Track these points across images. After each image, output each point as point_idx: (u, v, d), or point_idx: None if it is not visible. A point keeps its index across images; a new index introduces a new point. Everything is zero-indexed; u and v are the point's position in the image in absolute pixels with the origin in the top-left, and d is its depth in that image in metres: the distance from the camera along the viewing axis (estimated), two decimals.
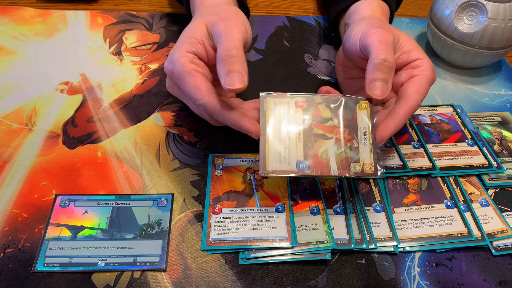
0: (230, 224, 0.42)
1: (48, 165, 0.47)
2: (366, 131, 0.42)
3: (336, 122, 0.43)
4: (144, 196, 0.45)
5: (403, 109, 0.43)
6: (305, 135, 0.42)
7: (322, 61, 0.63)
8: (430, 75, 0.45)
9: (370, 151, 0.41)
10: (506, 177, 0.49)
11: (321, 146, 0.41)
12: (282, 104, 0.43)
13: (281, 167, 0.40)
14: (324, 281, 0.40)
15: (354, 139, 0.42)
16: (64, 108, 0.53)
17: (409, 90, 0.43)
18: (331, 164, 0.41)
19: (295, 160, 0.41)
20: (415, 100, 0.43)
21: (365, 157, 0.41)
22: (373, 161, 0.41)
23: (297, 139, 0.41)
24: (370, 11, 0.53)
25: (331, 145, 0.41)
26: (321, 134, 0.42)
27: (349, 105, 0.44)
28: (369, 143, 0.42)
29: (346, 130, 0.42)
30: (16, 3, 0.68)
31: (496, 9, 0.55)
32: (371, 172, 0.41)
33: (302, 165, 0.40)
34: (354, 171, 0.41)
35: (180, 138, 0.51)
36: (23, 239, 0.41)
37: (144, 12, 0.69)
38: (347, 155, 0.41)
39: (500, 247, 0.43)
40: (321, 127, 0.42)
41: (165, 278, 0.39)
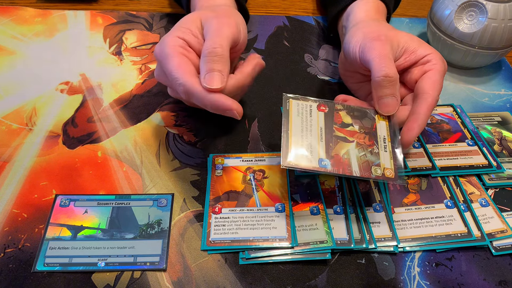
0: (230, 224, 0.42)
1: (48, 165, 0.47)
2: (386, 140, 0.43)
3: (357, 128, 0.43)
4: (144, 196, 0.45)
5: (424, 107, 0.43)
6: (326, 135, 0.42)
7: (322, 61, 0.63)
8: (442, 67, 0.45)
9: (390, 158, 0.42)
10: (506, 177, 0.49)
11: (342, 147, 0.41)
12: (304, 106, 0.44)
13: (303, 162, 0.40)
14: (324, 281, 0.40)
15: (374, 145, 0.42)
16: (64, 108, 0.53)
17: (425, 87, 0.43)
18: (352, 165, 0.40)
19: (317, 157, 0.40)
20: (433, 96, 0.43)
21: (385, 163, 0.41)
22: (394, 167, 0.41)
23: (319, 139, 0.41)
24: (364, 12, 0.53)
25: (353, 148, 0.41)
26: (342, 137, 0.42)
27: (369, 115, 0.44)
28: (389, 151, 0.42)
29: (367, 136, 0.43)
30: (16, 3, 0.68)
31: (496, 9, 0.55)
32: (392, 177, 0.41)
33: (324, 163, 0.40)
34: (375, 174, 0.40)
35: (180, 138, 0.51)
36: (23, 239, 0.41)
37: (144, 12, 0.69)
38: (368, 158, 0.41)
39: (500, 247, 0.43)
40: (342, 130, 0.43)
41: (165, 278, 0.39)
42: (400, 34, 0.47)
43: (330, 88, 0.58)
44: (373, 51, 0.44)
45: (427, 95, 0.43)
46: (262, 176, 0.47)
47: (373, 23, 0.50)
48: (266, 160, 0.48)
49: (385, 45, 0.44)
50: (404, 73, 0.47)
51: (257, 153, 0.49)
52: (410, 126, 0.43)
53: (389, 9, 0.57)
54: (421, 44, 0.46)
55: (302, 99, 0.44)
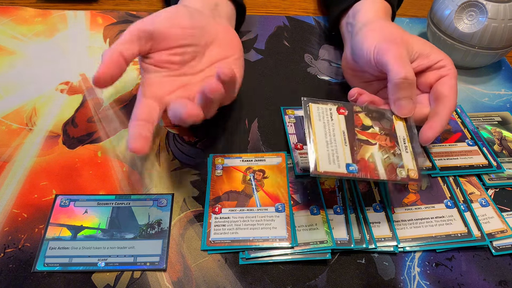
0: (230, 224, 0.42)
1: (48, 165, 0.47)
2: (405, 140, 0.43)
3: (377, 130, 0.43)
4: (144, 196, 0.45)
5: (445, 109, 0.44)
6: (350, 139, 0.42)
7: (322, 61, 0.63)
8: (455, 72, 0.47)
9: (412, 158, 0.42)
10: (506, 177, 0.49)
11: (366, 151, 0.41)
12: (324, 110, 0.44)
13: (332, 168, 0.40)
14: (324, 281, 0.40)
15: (396, 147, 0.42)
16: (64, 108, 0.53)
17: (444, 92, 0.45)
18: (378, 169, 0.41)
19: (344, 162, 0.40)
20: (453, 100, 0.45)
21: (408, 164, 0.41)
22: (416, 168, 0.41)
23: (343, 143, 0.41)
24: (373, 12, 0.53)
25: (376, 151, 0.42)
26: (364, 139, 0.42)
27: (386, 116, 0.45)
28: (409, 151, 0.42)
29: (387, 138, 0.43)
30: (16, 3, 0.68)
31: (496, 9, 0.55)
32: (416, 177, 0.41)
33: (352, 168, 0.40)
34: (401, 176, 0.41)
35: (180, 138, 0.51)
36: (23, 239, 0.41)
37: (144, 12, 0.69)
38: (392, 160, 0.41)
39: (500, 247, 0.43)
40: (363, 133, 0.43)
41: (165, 278, 0.39)
42: (414, 38, 0.48)
43: (330, 88, 0.58)
44: (390, 53, 0.44)
45: (447, 98, 0.45)
46: (262, 176, 0.47)
47: (385, 24, 0.50)
48: (266, 160, 0.48)
49: (401, 48, 0.45)
50: (418, 76, 0.48)
51: (257, 153, 0.49)
52: (431, 124, 0.44)
53: (393, 10, 0.57)
54: (434, 50, 0.48)
55: (321, 102, 0.44)
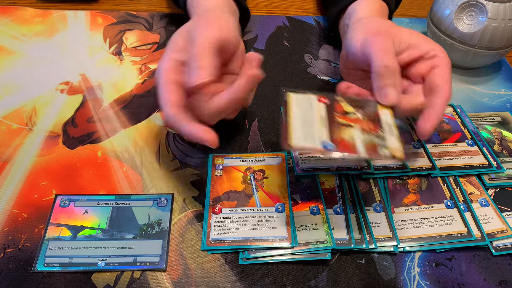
0: (230, 224, 0.42)
1: (48, 165, 0.47)
2: (391, 125, 0.41)
3: (360, 116, 0.42)
4: (144, 196, 0.45)
5: (439, 100, 0.43)
6: (329, 122, 0.40)
7: (322, 61, 0.63)
8: (449, 61, 0.45)
9: (398, 140, 0.40)
10: (506, 177, 0.49)
11: (346, 132, 0.40)
12: (304, 99, 0.42)
13: (306, 143, 0.38)
14: (324, 281, 0.40)
15: (379, 130, 0.40)
16: (64, 108, 0.53)
17: (438, 82, 0.44)
18: (358, 147, 0.38)
19: (320, 139, 0.38)
20: (447, 89, 0.44)
21: (393, 144, 0.39)
22: (402, 147, 0.39)
23: (321, 124, 0.40)
24: (368, 11, 0.53)
25: (357, 132, 0.40)
26: (345, 123, 0.41)
27: (370, 105, 0.43)
28: (395, 134, 0.40)
29: (370, 122, 0.41)
30: (16, 3, 0.68)
31: (496, 9, 0.55)
32: (401, 156, 0.39)
33: (328, 146, 0.38)
34: (383, 154, 0.38)
35: (180, 138, 0.51)
36: (23, 239, 0.41)
37: (144, 12, 0.69)
38: (374, 141, 0.39)
39: (500, 247, 0.43)
40: (344, 118, 0.41)
41: (165, 278, 0.39)
42: (403, 30, 0.47)
43: (330, 88, 0.58)
44: (374, 44, 0.44)
45: (441, 88, 0.44)
46: (262, 176, 0.47)
47: (375, 19, 0.50)
48: (266, 160, 0.48)
49: (385, 39, 0.44)
50: (409, 67, 0.47)
51: (257, 153, 0.49)
52: (427, 117, 0.43)
53: (390, 10, 0.57)
54: (425, 39, 0.47)
55: (301, 92, 0.43)
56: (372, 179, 0.47)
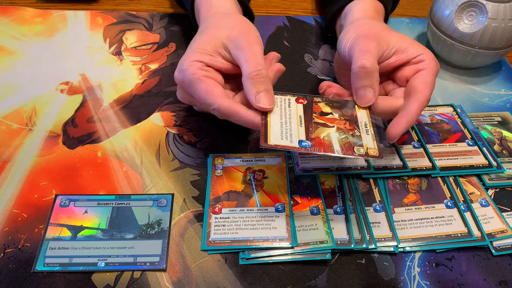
0: (230, 224, 0.42)
1: (48, 165, 0.47)
2: (367, 125, 0.42)
3: (337, 116, 0.43)
4: (144, 196, 0.45)
5: (415, 105, 0.43)
6: (306, 122, 0.42)
7: (322, 61, 0.63)
8: (435, 67, 0.45)
9: (373, 139, 0.41)
10: (506, 177, 0.49)
11: (322, 131, 0.41)
12: (282, 100, 0.44)
13: (283, 142, 0.39)
14: (324, 281, 0.40)
15: (355, 129, 0.42)
16: (64, 108, 0.53)
17: (418, 87, 0.44)
18: (334, 145, 0.40)
19: (297, 139, 0.40)
20: (425, 95, 0.43)
21: (368, 143, 0.40)
22: (377, 146, 0.40)
23: (298, 124, 0.41)
24: (362, 12, 0.53)
25: (333, 132, 0.41)
26: (322, 123, 0.42)
27: (348, 105, 0.44)
28: (371, 134, 0.41)
29: (347, 122, 0.42)
30: (16, 3, 0.68)
31: (496, 9, 0.55)
32: (376, 155, 0.40)
33: (304, 143, 0.40)
34: (358, 153, 0.39)
35: (180, 138, 0.51)
36: (23, 239, 0.41)
37: (144, 12, 0.69)
38: (350, 140, 0.41)
39: (500, 247, 0.43)
40: (322, 118, 0.42)
41: (165, 278, 0.39)
42: (392, 34, 0.47)
43: None
44: (357, 46, 0.44)
45: (419, 94, 0.43)
46: (262, 176, 0.47)
47: (368, 21, 0.50)
48: (266, 160, 0.48)
49: (370, 42, 0.44)
50: (396, 71, 0.47)
51: (257, 153, 0.49)
52: (398, 120, 0.43)
53: (387, 10, 0.57)
54: (413, 44, 0.47)
55: (280, 94, 0.44)
56: (372, 179, 0.47)
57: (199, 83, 0.42)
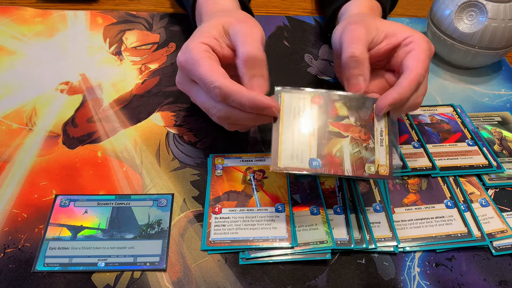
0: (230, 224, 0.42)
1: (48, 165, 0.47)
2: (383, 132, 0.41)
3: (353, 121, 0.41)
4: (144, 196, 0.45)
5: (406, 80, 0.42)
6: (319, 132, 0.41)
7: (322, 61, 0.63)
8: (425, 46, 0.44)
9: (386, 153, 0.40)
10: (506, 177, 0.49)
11: (335, 144, 0.40)
12: (297, 100, 0.42)
13: (293, 164, 0.39)
14: (324, 281, 0.40)
15: (370, 139, 0.41)
16: (64, 108, 0.53)
17: (409, 64, 0.43)
18: (345, 164, 0.39)
19: (307, 157, 0.39)
20: (416, 71, 0.42)
21: (380, 159, 0.40)
22: (389, 164, 0.40)
23: (311, 136, 0.40)
24: (357, 10, 0.54)
25: (347, 144, 0.40)
26: (336, 132, 0.41)
27: (366, 104, 0.42)
28: (385, 145, 0.41)
29: (362, 130, 0.41)
30: (16, 3, 0.68)
31: (496, 9, 0.55)
32: (386, 174, 0.39)
33: (315, 163, 0.39)
34: (368, 172, 0.39)
35: (180, 138, 0.51)
36: (23, 239, 0.41)
37: (144, 12, 0.69)
38: (363, 155, 0.40)
39: (500, 247, 0.43)
40: (336, 125, 0.41)
41: (165, 278, 0.39)
42: (382, 21, 0.47)
43: (330, 88, 0.58)
44: (346, 34, 0.44)
45: (410, 70, 0.42)
46: (262, 176, 0.47)
47: (361, 14, 0.50)
48: (266, 160, 0.48)
49: (358, 29, 0.44)
50: (391, 60, 0.47)
51: (257, 153, 0.49)
52: (387, 93, 0.42)
53: (384, 8, 0.57)
54: (403, 27, 0.46)
55: (295, 91, 0.42)
56: (373, 179, 0.47)
57: (203, 62, 0.40)
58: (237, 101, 0.39)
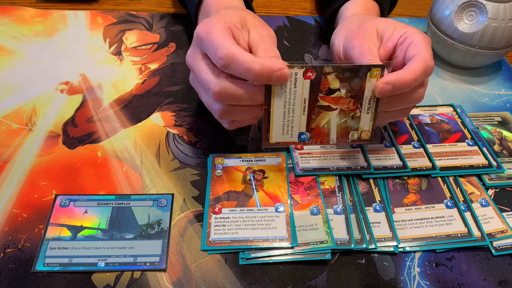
0: (230, 224, 0.42)
1: (48, 165, 0.47)
2: (371, 100, 0.42)
3: (343, 93, 0.41)
4: (144, 196, 0.45)
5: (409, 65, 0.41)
6: (309, 107, 0.42)
7: (322, 61, 0.63)
8: (421, 37, 0.44)
9: (371, 119, 0.43)
10: (506, 177, 0.49)
11: (324, 117, 0.42)
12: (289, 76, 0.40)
13: (283, 139, 0.42)
14: (324, 281, 0.40)
15: (357, 109, 0.42)
16: (64, 108, 0.53)
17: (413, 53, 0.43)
18: (331, 134, 0.43)
19: (297, 131, 0.42)
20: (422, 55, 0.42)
21: (364, 126, 0.43)
22: (371, 128, 0.43)
23: (301, 112, 0.42)
24: (355, 10, 0.54)
25: (334, 116, 0.42)
26: (326, 105, 0.42)
27: (360, 73, 0.41)
28: (371, 112, 0.42)
29: (352, 100, 0.42)
30: (16, 3, 0.68)
31: (496, 9, 0.55)
32: (367, 138, 0.43)
33: (303, 136, 0.42)
34: (351, 138, 0.43)
35: (180, 138, 0.51)
36: (23, 239, 0.41)
37: (144, 12, 0.69)
38: (348, 124, 0.43)
39: (500, 247, 0.43)
40: (327, 98, 0.42)
41: (165, 278, 0.39)
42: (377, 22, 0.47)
43: None
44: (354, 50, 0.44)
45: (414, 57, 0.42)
46: (262, 176, 0.47)
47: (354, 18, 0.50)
48: (266, 160, 0.48)
49: (364, 41, 0.44)
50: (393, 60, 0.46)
51: (257, 153, 0.49)
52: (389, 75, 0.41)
53: (382, 9, 0.57)
54: (396, 26, 0.46)
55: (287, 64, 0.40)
56: (372, 179, 0.47)
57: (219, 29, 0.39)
58: (243, 66, 0.37)
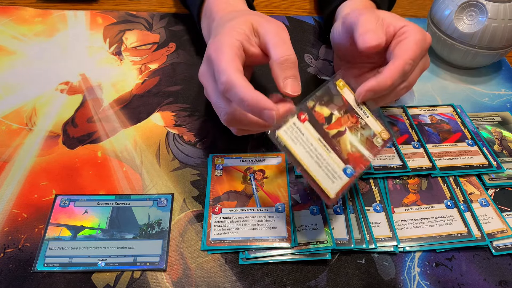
0: (230, 224, 0.42)
1: (48, 165, 0.47)
2: (360, 106, 0.42)
3: (337, 114, 0.41)
4: (144, 196, 0.45)
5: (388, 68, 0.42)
6: (327, 142, 0.40)
7: (322, 61, 0.63)
8: (417, 35, 0.44)
9: (375, 120, 0.42)
10: (506, 177, 0.49)
11: (345, 143, 0.40)
12: (291, 129, 0.40)
13: (338, 186, 0.39)
14: (324, 281, 0.40)
15: (358, 118, 0.42)
16: (64, 108, 0.53)
17: (396, 53, 0.43)
18: (363, 152, 0.40)
19: (340, 170, 0.39)
20: (401, 59, 0.42)
21: (376, 128, 0.41)
22: (383, 127, 0.42)
23: (327, 152, 0.40)
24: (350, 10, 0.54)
25: (350, 136, 0.41)
26: (336, 132, 0.41)
27: (331, 90, 0.42)
28: (369, 114, 0.42)
29: (347, 115, 0.42)
30: (16, 3, 0.68)
31: (496, 9, 0.55)
32: (389, 136, 0.41)
33: (348, 171, 0.39)
34: (379, 144, 0.41)
35: (180, 138, 0.51)
36: (23, 239, 0.41)
37: (144, 12, 0.69)
38: (365, 135, 0.41)
39: (500, 247, 0.43)
40: (331, 127, 0.41)
41: (165, 278, 0.39)
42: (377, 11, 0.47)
43: None
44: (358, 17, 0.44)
45: (395, 58, 0.42)
46: (262, 176, 0.47)
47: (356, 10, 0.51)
48: (266, 160, 0.48)
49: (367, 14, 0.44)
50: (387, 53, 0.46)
51: (257, 153, 0.49)
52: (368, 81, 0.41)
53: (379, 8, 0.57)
54: (397, 18, 0.46)
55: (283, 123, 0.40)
56: (372, 179, 0.47)
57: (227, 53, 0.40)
58: (238, 95, 0.38)
